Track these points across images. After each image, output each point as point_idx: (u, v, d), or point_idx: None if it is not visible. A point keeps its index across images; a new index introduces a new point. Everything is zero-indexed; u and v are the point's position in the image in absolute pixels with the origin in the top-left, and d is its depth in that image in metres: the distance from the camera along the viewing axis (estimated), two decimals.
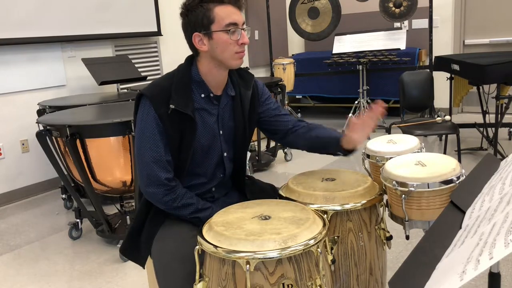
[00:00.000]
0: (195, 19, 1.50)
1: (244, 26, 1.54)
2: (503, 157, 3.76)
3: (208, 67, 1.56)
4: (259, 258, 1.18)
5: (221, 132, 1.64)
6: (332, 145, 1.68)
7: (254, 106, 1.70)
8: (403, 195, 1.42)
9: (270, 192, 1.78)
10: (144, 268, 1.70)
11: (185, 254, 1.42)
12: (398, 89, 4.17)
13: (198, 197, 1.60)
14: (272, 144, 4.65)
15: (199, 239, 1.29)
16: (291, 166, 4.48)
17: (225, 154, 1.67)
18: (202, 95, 1.58)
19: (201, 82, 1.57)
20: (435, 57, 4.59)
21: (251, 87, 1.68)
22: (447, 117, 2.49)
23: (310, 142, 1.73)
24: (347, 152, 1.65)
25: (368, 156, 1.74)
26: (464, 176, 1.39)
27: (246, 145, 1.74)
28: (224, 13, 1.49)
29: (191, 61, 1.60)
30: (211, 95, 1.60)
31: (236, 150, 1.71)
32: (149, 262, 1.78)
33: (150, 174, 1.52)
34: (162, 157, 1.52)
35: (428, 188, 1.38)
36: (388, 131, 4.21)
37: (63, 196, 3.68)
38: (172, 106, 1.49)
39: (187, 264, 1.39)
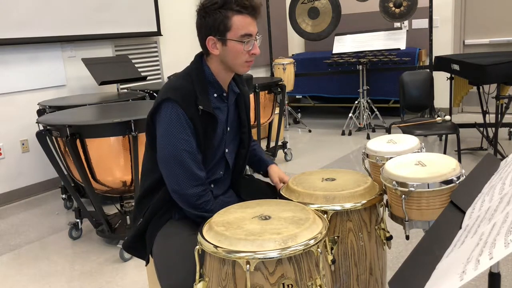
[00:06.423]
0: (212, 23, 1.51)
1: (257, 37, 1.57)
2: (503, 157, 3.76)
3: (217, 68, 1.60)
4: (259, 258, 1.18)
5: (228, 128, 1.69)
6: (259, 166, 1.89)
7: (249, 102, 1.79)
8: (403, 195, 1.41)
9: (266, 191, 1.81)
10: (147, 263, 1.71)
11: (186, 251, 1.42)
12: (398, 89, 4.17)
13: None
14: (272, 144, 4.64)
15: (199, 238, 1.28)
16: (291, 166, 4.48)
17: (226, 150, 1.70)
18: (215, 95, 1.62)
19: (214, 83, 1.61)
20: (435, 57, 4.59)
21: (245, 83, 1.77)
22: (447, 117, 2.49)
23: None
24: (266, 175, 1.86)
25: (368, 156, 1.73)
26: (464, 176, 1.38)
27: (250, 142, 1.78)
28: (242, 24, 1.51)
29: (201, 59, 1.62)
30: (224, 94, 1.64)
31: (241, 146, 1.74)
32: (149, 262, 1.77)
33: (189, 174, 1.53)
34: (197, 156, 1.55)
35: (428, 188, 1.38)
36: (388, 131, 4.21)
37: (63, 196, 3.68)
38: (201, 107, 1.52)
39: (189, 262, 1.39)
